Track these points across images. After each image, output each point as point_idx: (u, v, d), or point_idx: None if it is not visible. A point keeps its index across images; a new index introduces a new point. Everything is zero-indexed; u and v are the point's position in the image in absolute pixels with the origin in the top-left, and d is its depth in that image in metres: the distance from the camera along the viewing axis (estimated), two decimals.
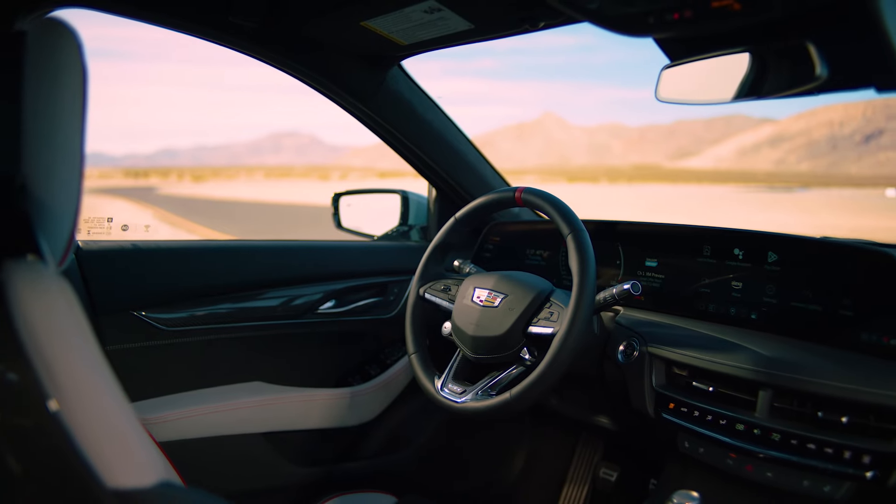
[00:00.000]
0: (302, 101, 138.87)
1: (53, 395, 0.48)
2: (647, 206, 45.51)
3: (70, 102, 0.62)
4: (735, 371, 1.14)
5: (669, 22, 0.89)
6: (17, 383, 0.50)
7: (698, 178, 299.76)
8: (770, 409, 1.11)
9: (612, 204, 46.64)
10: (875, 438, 1.00)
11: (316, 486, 1.57)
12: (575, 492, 1.96)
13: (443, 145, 1.66)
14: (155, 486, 0.49)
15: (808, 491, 1.06)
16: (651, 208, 43.22)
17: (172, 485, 0.51)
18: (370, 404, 1.68)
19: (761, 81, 0.93)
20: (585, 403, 1.56)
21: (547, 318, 1.17)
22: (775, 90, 0.91)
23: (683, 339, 1.25)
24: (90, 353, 0.53)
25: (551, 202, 1.20)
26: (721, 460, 1.17)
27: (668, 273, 1.36)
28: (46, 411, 0.48)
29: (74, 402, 0.49)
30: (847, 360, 1.06)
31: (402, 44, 1.31)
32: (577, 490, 1.96)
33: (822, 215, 39.55)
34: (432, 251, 1.36)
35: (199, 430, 1.39)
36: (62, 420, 0.47)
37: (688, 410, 1.20)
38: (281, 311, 1.54)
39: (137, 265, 1.36)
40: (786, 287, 1.18)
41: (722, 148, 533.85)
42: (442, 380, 1.25)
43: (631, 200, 55.46)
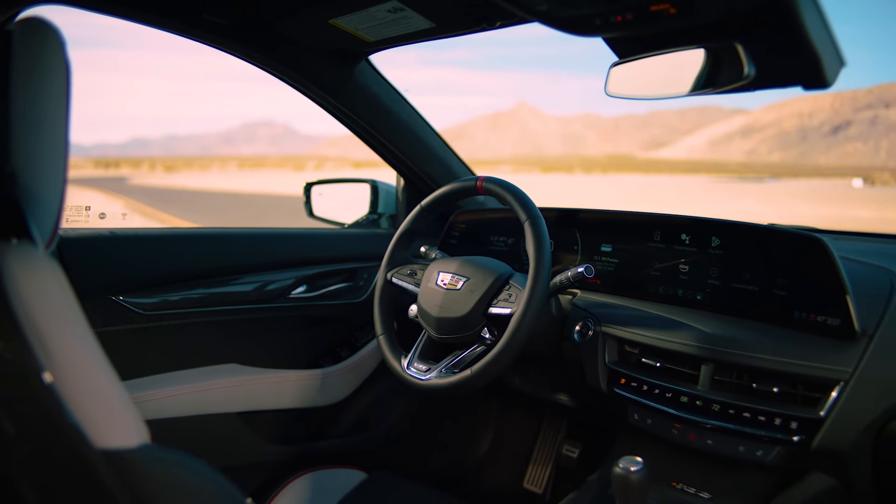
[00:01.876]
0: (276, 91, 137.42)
1: (47, 367, 0.52)
2: (622, 196, 45.89)
3: (55, 97, 0.66)
4: (680, 348, 1.23)
5: (614, 23, 0.97)
6: (13, 357, 0.52)
7: (671, 169, 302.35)
8: (711, 381, 1.20)
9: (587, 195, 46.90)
10: (802, 406, 1.10)
11: (289, 463, 1.63)
12: (540, 468, 2.05)
13: (410, 136, 1.72)
14: (139, 446, 0.53)
15: (743, 455, 1.15)
16: (627, 199, 43.55)
17: (154, 446, 0.55)
18: (341, 385, 1.74)
19: (698, 78, 1.01)
20: (546, 382, 1.64)
21: (506, 299, 1.23)
22: (710, 87, 0.99)
23: (635, 319, 1.33)
24: (80, 327, 0.56)
25: (510, 190, 1.27)
26: (667, 430, 1.25)
27: (621, 257, 1.44)
28: (41, 382, 0.51)
29: (66, 373, 0.52)
30: (780, 336, 1.15)
31: (369, 40, 1.37)
32: (542, 467, 2.04)
33: (791, 205, 40.21)
34: (399, 237, 1.42)
35: (176, 410, 1.44)
36: (55, 390, 0.51)
37: (637, 385, 1.28)
38: (254, 295, 1.60)
39: (115, 252, 1.41)
40: (727, 269, 1.26)
41: (695, 138, 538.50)
42: (408, 359, 1.31)
43: (606, 190, 55.79)
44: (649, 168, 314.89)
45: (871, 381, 1.04)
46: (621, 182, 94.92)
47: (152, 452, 0.54)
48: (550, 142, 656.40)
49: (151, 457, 0.54)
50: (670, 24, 0.95)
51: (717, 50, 0.98)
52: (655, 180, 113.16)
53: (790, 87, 1.02)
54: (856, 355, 1.06)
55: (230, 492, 0.60)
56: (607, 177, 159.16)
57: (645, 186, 69.84)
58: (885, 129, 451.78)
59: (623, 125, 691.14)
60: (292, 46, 1.44)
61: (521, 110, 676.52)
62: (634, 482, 1.00)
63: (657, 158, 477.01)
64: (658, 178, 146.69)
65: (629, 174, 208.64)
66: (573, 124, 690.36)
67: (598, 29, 1.00)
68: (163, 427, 1.40)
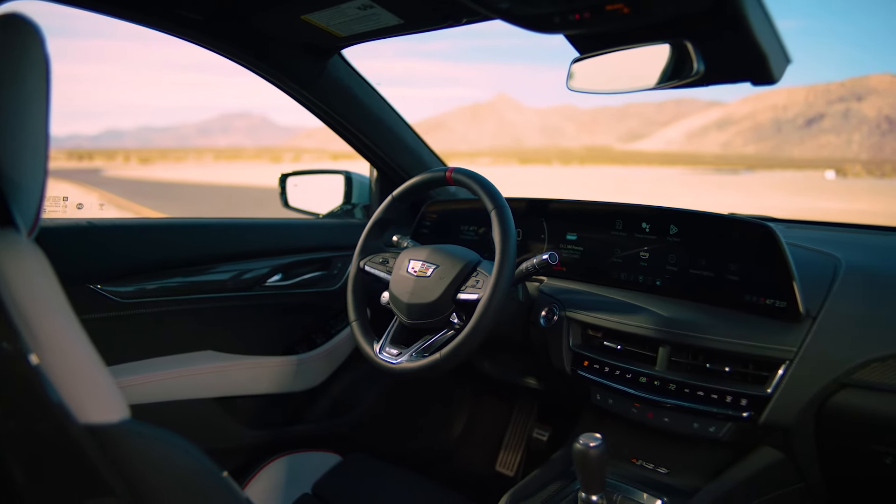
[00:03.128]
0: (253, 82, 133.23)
1: (33, 349, 0.53)
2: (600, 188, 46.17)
3: (35, 92, 0.68)
4: (640, 331, 1.29)
5: (572, 21, 1.02)
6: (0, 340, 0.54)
7: (648, 161, 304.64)
8: (668, 362, 1.26)
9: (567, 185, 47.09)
10: (751, 384, 1.17)
11: (265, 447, 1.67)
12: (511, 452, 2.11)
13: (382, 129, 1.76)
14: (121, 421, 0.55)
15: (697, 432, 1.21)
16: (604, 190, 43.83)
17: (135, 421, 0.57)
18: (316, 371, 1.78)
19: (653, 74, 1.07)
20: (515, 366, 1.70)
21: (474, 285, 1.28)
22: (664, 82, 1.05)
23: (598, 304, 1.39)
24: (64, 310, 0.58)
25: (477, 181, 1.32)
26: (627, 409, 1.31)
27: (586, 246, 1.49)
28: (27, 364, 0.53)
29: (52, 354, 0.54)
30: (732, 319, 1.22)
31: (341, 35, 1.41)
32: (514, 450, 2.11)
33: (765, 197, 40.74)
34: (371, 227, 1.46)
35: (154, 396, 1.48)
36: (41, 371, 0.53)
37: (599, 367, 1.34)
38: (231, 284, 1.63)
39: (93, 241, 1.43)
40: (684, 256, 1.32)
41: (672, 130, 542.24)
42: (380, 344, 1.35)
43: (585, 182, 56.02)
44: (627, 160, 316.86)
45: (813, 360, 1.11)
46: (600, 174, 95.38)
47: (134, 427, 0.57)
48: (529, 133, 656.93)
49: (133, 431, 0.56)
50: (624, 22, 1.01)
51: (670, 47, 1.04)
52: (633, 172, 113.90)
53: (739, 82, 1.08)
54: (800, 336, 1.13)
55: (208, 466, 0.62)
56: (585, 168, 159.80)
57: (623, 178, 70.25)
58: (857, 122, 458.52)
59: (601, 117, 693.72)
60: (266, 41, 1.48)
61: (500, 102, 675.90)
62: (594, 457, 1.06)
63: (635, 150, 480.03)
64: (635, 169, 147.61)
65: (607, 166, 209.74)
66: (552, 116, 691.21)
67: (557, 26, 1.06)
68: (141, 412, 1.43)
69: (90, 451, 0.53)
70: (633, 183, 56.69)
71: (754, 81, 1.05)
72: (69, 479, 0.56)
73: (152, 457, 0.58)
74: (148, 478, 0.57)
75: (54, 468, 0.55)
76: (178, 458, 0.61)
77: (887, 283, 1.17)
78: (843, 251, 1.28)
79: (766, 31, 0.94)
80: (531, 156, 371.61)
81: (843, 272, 1.19)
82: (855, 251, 1.29)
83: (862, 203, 36.77)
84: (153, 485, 0.57)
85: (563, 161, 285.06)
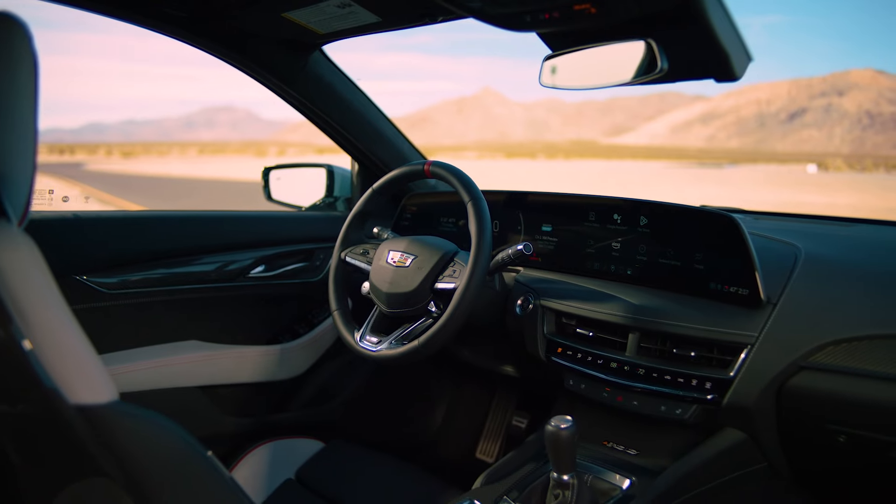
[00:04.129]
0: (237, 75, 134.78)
1: (26, 335, 0.55)
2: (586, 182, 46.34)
3: (24, 88, 0.70)
4: (611, 318, 1.34)
5: (542, 20, 1.07)
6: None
7: (633, 155, 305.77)
8: (637, 348, 1.31)
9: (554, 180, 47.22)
10: (716, 368, 1.22)
11: (249, 434, 1.71)
12: (491, 439, 2.16)
13: (363, 123, 1.79)
14: (110, 402, 0.57)
15: (664, 414, 1.27)
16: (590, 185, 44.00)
17: (124, 402, 0.60)
18: (299, 360, 1.82)
19: (620, 71, 1.11)
20: (493, 354, 1.75)
21: (451, 275, 1.32)
22: (631, 79, 1.10)
23: (571, 293, 1.44)
24: (54, 296, 0.59)
25: (454, 173, 1.36)
26: (598, 394, 1.37)
27: (560, 237, 1.54)
28: (21, 349, 0.54)
29: (44, 340, 0.56)
30: (698, 306, 1.27)
31: (320, 33, 1.44)
32: (493, 437, 2.16)
33: (748, 191, 41.10)
34: (352, 219, 1.50)
35: (140, 384, 1.51)
36: (34, 356, 0.54)
37: (572, 353, 1.39)
38: (215, 275, 1.66)
39: (79, 233, 1.46)
40: (654, 246, 1.37)
41: (656, 125, 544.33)
42: (361, 332, 1.39)
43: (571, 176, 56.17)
44: (612, 154, 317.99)
45: (773, 344, 1.16)
46: (584, 168, 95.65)
47: (122, 408, 0.59)
48: (514, 127, 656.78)
49: (121, 412, 0.58)
50: (592, 22, 1.06)
51: (636, 46, 1.08)
52: (618, 166, 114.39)
53: (703, 79, 1.14)
54: (761, 321, 1.18)
55: (193, 445, 0.64)
56: (571, 162, 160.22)
57: (608, 172, 70.52)
58: (839, 117, 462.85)
59: (586, 111, 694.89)
60: (248, 38, 1.51)
61: (486, 96, 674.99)
62: (564, 438, 1.10)
63: (619, 144, 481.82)
64: (620, 163, 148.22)
65: (592, 160, 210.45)
66: (537, 110, 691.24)
67: (528, 25, 1.11)
68: (127, 400, 1.45)
69: (81, 430, 0.55)
70: (617, 176, 56.94)
71: (717, 79, 1.10)
72: (63, 460, 0.58)
73: (140, 436, 0.60)
74: (136, 456, 0.59)
75: (48, 449, 0.57)
76: (165, 437, 0.63)
77: (842, 271, 1.23)
78: (804, 241, 1.33)
79: (727, 31, 0.99)
80: (517, 150, 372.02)
81: (802, 261, 1.25)
82: (815, 241, 1.35)
83: (842, 197, 37.20)
84: (141, 463, 0.59)
85: (548, 155, 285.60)
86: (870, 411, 1.12)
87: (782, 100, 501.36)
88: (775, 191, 41.21)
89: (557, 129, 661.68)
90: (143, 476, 0.59)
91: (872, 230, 1.57)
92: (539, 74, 1.23)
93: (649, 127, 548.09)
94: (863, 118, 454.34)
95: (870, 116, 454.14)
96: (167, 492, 0.61)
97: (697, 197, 9.52)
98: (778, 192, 39.17)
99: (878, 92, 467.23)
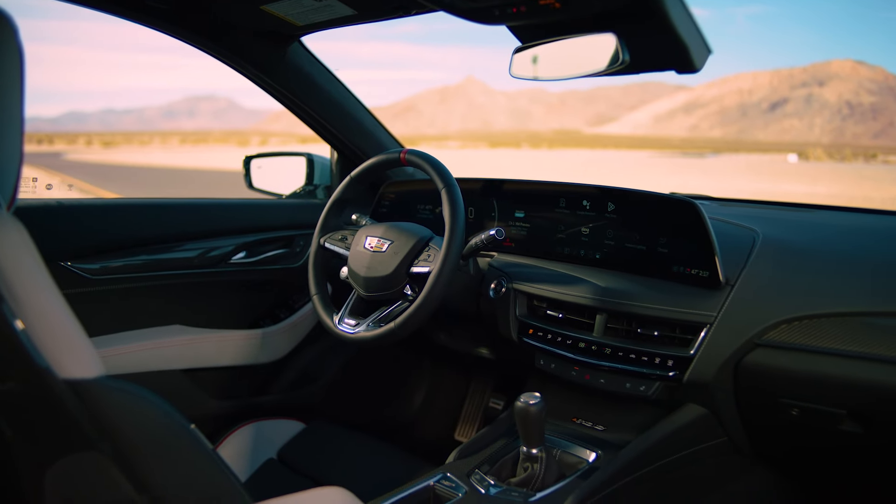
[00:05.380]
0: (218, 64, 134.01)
1: (19, 315, 0.58)
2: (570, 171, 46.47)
3: (10, 80, 0.70)
4: (580, 300, 1.40)
5: (510, 14, 1.12)
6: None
7: (617, 144, 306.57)
8: (605, 329, 1.37)
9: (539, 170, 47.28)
10: (677, 346, 1.28)
11: (231, 416, 1.75)
12: (469, 422, 2.22)
13: (342, 113, 1.83)
14: (97, 377, 0.61)
15: (629, 391, 1.33)
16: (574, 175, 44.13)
17: (110, 377, 0.64)
18: (280, 344, 1.86)
19: (585, 63, 1.16)
20: (469, 337, 1.80)
21: (426, 259, 1.37)
22: (595, 70, 1.15)
23: (543, 276, 1.50)
24: (44, 277, 0.63)
25: (429, 161, 1.40)
26: (567, 372, 1.43)
27: (532, 223, 1.59)
28: (13, 329, 0.57)
29: (35, 319, 0.59)
30: (662, 288, 1.33)
31: (298, 24, 1.48)
32: (471, 420, 2.22)
33: (729, 180, 41.43)
34: (331, 206, 1.54)
35: (124, 367, 1.55)
36: (26, 335, 0.57)
37: (543, 334, 1.45)
38: (197, 261, 1.70)
39: (64, 220, 1.49)
40: (621, 231, 1.43)
41: (639, 114, 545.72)
42: (339, 315, 1.44)
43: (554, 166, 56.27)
44: (595, 143, 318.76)
45: (730, 323, 1.23)
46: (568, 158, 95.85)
47: (109, 382, 0.62)
48: (498, 117, 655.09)
49: (108, 386, 0.62)
50: (557, 16, 1.12)
51: (600, 39, 1.13)
52: (601, 155, 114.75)
53: (664, 71, 1.19)
54: (720, 301, 1.25)
55: (177, 418, 0.67)
56: (554, 152, 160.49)
57: (592, 162, 70.73)
58: (819, 107, 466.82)
59: (569, 100, 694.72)
60: (227, 29, 1.54)
61: (469, 85, 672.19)
62: (533, 413, 1.16)
63: (603, 134, 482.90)
64: (604, 153, 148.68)
65: (576, 149, 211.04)
66: (520, 99, 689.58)
67: (497, 18, 1.16)
68: None
69: (71, 404, 0.58)
70: (601, 166, 57.15)
71: (678, 70, 1.16)
72: (54, 434, 0.61)
73: (126, 409, 0.63)
74: (122, 428, 0.62)
75: (40, 423, 0.61)
76: (149, 410, 0.66)
77: (796, 254, 1.29)
78: (763, 226, 1.40)
79: (685, 25, 1.05)
80: (500, 139, 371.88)
81: (760, 244, 1.31)
82: (773, 226, 1.41)
83: (822, 186, 37.63)
84: (127, 434, 0.62)
85: (532, 144, 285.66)
86: (819, 385, 1.19)
87: (764, 90, 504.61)
88: (756, 180, 41.59)
89: (541, 118, 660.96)
90: (129, 448, 0.62)
91: (829, 216, 1.64)
92: (509, 66, 1.28)
93: (632, 116, 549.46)
94: (843, 108, 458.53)
95: (850, 106, 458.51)
96: (153, 462, 0.64)
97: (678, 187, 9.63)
98: (759, 182, 39.55)
99: (858, 82, 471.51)
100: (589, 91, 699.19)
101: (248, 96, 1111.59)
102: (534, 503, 1.13)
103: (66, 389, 0.58)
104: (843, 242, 1.38)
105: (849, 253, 1.31)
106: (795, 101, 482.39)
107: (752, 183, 38.06)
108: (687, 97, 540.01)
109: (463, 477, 1.21)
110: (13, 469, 0.62)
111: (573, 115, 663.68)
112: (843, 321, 1.17)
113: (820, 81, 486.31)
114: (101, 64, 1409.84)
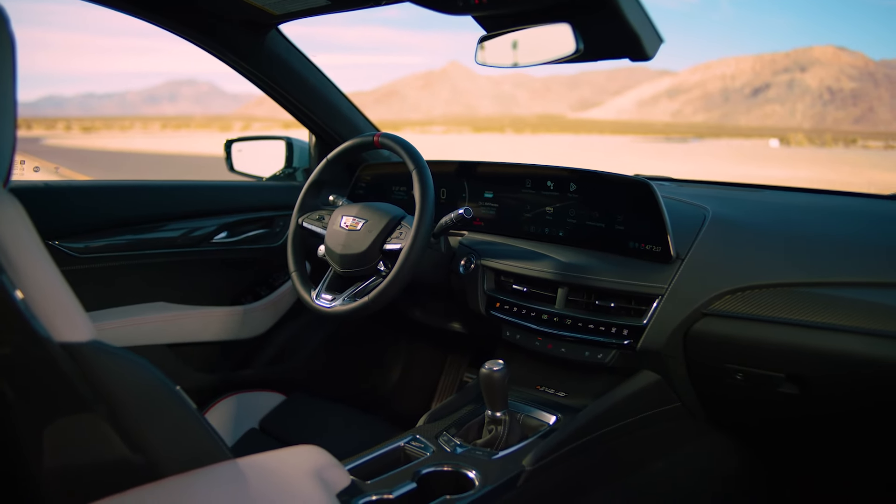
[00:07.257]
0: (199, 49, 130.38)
1: (17, 286, 0.60)
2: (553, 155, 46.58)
3: (4, 68, 0.73)
4: (543, 275, 1.49)
5: (473, 4, 1.20)
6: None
7: (600, 129, 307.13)
8: (566, 301, 1.46)
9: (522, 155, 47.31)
10: (632, 317, 1.38)
11: (214, 389, 1.83)
12: (445, 394, 2.31)
13: (319, 98, 1.89)
14: (90, 340, 0.63)
15: (587, 359, 1.42)
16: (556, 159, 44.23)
17: (102, 342, 0.67)
18: (261, 320, 1.94)
19: (543, 51, 1.24)
20: (441, 312, 1.88)
21: (398, 237, 1.45)
22: (553, 58, 1.23)
23: (509, 253, 1.58)
24: (39, 248, 0.65)
25: (401, 144, 1.48)
26: (531, 343, 1.52)
27: (500, 203, 1.67)
28: (13, 299, 0.59)
29: (32, 286, 0.61)
30: (618, 262, 1.42)
31: (274, 14, 1.54)
32: (447, 393, 2.31)
33: (710, 165, 41.73)
34: (308, 187, 1.61)
35: (110, 342, 1.62)
36: (25, 304, 0.60)
37: (509, 307, 1.54)
38: (180, 240, 1.77)
39: (51, 200, 1.56)
40: (582, 210, 1.51)
41: (623, 99, 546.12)
42: (317, 291, 1.51)
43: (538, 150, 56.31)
44: (579, 128, 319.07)
45: (679, 294, 1.32)
46: (552, 142, 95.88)
47: (101, 346, 0.65)
48: (482, 101, 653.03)
49: (100, 349, 0.65)
50: (516, 7, 1.20)
51: (556, 28, 1.21)
52: (585, 140, 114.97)
53: (618, 59, 1.27)
54: (671, 274, 1.34)
55: (163, 380, 0.72)
56: (538, 137, 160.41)
57: (575, 146, 70.80)
58: (801, 93, 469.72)
59: (553, 85, 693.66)
60: (206, 17, 1.60)
61: (453, 70, 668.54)
62: (497, 379, 1.25)
63: (586, 119, 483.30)
64: (587, 138, 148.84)
65: (559, 134, 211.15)
66: (504, 84, 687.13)
67: (461, 9, 1.24)
68: None
69: (66, 366, 0.62)
70: (585, 152, 57.28)
71: (632, 58, 1.24)
72: (51, 394, 0.65)
73: (115, 370, 0.68)
74: (112, 389, 0.67)
75: (39, 384, 0.65)
76: (137, 372, 0.70)
77: (742, 231, 1.39)
78: (714, 204, 1.49)
79: (636, 15, 1.13)
80: (484, 124, 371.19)
81: (709, 221, 1.41)
82: (724, 204, 1.51)
83: (802, 171, 38.02)
84: (118, 394, 0.67)
85: (516, 129, 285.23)
86: (760, 351, 1.29)
87: (747, 75, 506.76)
88: (739, 165, 41.93)
89: (525, 103, 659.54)
90: (120, 407, 0.66)
91: (778, 195, 1.74)
92: (475, 53, 1.36)
93: (616, 101, 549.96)
94: (824, 94, 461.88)
95: (831, 92, 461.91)
96: (143, 422, 0.69)
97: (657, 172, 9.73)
98: (741, 167, 39.87)
99: (840, 68, 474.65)
100: (573, 76, 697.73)
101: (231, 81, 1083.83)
102: (496, 461, 1.21)
103: (62, 352, 0.61)
104: (786, 220, 1.48)
105: (790, 230, 1.41)
106: (777, 87, 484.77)
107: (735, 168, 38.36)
108: (671, 82, 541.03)
109: (431, 438, 1.30)
110: (13, 430, 0.65)
111: (557, 99, 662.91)
112: (781, 291, 1.27)
113: (802, 67, 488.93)
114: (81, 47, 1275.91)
